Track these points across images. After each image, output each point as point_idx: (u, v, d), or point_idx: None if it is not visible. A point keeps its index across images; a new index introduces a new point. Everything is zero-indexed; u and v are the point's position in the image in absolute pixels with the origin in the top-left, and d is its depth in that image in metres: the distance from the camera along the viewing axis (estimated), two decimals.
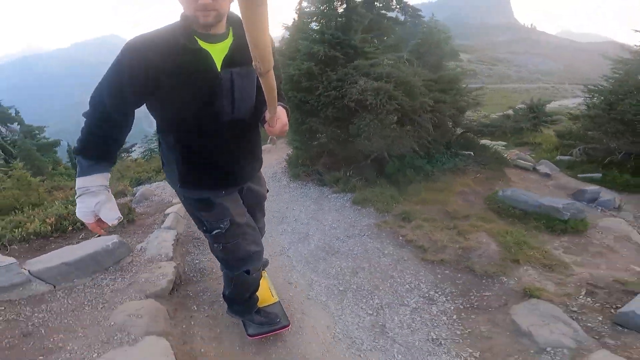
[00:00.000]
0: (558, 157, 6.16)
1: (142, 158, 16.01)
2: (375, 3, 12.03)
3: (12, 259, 2.33)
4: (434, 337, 2.21)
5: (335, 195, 4.42)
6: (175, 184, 1.57)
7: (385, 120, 4.24)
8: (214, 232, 1.65)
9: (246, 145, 1.55)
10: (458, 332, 2.23)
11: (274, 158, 6.34)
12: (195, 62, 1.27)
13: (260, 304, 2.20)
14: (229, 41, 1.33)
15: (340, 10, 5.90)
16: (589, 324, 2.13)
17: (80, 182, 1.32)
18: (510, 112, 9.54)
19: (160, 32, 1.27)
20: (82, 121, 1.34)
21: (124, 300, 2.30)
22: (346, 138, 4.78)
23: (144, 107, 1.42)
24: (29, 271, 2.38)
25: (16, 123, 13.20)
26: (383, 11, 12.33)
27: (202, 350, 2.09)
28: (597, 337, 2.03)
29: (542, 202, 3.50)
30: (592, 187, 4.59)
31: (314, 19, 6.14)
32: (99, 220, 1.34)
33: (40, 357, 1.92)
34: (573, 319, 2.14)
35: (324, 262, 3.05)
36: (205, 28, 1.26)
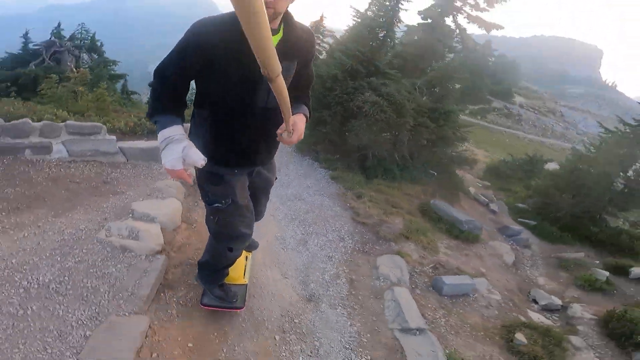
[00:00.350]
0: (516, 204, 7.33)
1: None
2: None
3: (113, 137, 4.03)
4: (330, 255, 3.67)
5: (321, 169, 5.92)
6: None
7: (373, 126, 5.66)
8: (214, 205, 1.77)
9: (268, 133, 1.60)
10: (345, 258, 3.68)
11: None
12: (246, 52, 1.29)
13: (228, 280, 2.26)
14: (278, 36, 1.44)
15: (381, 35, 7.26)
16: (415, 279, 3.53)
17: (164, 133, 1.42)
18: (509, 158, 10.61)
19: (224, 19, 1.40)
20: (149, 90, 1.51)
21: (164, 179, 3.93)
22: (344, 132, 6.24)
23: None
24: (119, 147, 4.07)
25: (96, 54, 15.38)
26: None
27: (196, 218, 3.64)
28: (413, 285, 3.43)
29: (453, 215, 4.84)
30: (516, 227, 5.82)
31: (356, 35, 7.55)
32: (183, 169, 1.43)
33: (111, 195, 3.56)
34: (409, 272, 3.54)
35: (291, 201, 4.56)
36: None
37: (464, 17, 13.33)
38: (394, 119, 5.65)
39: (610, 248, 6.05)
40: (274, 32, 1.42)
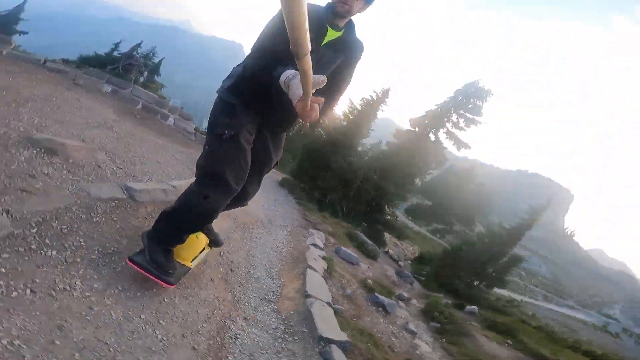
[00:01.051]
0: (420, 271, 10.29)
1: None
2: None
3: (192, 122, 7.10)
4: (286, 224, 6.36)
5: (292, 197, 8.81)
6: (225, 87, 1.99)
7: (335, 178, 8.77)
8: (216, 132, 1.92)
9: (285, 105, 1.69)
10: (294, 226, 6.37)
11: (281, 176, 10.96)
12: (316, 32, 1.73)
13: (177, 255, 2.18)
14: (339, 33, 1.86)
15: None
16: (327, 246, 6.23)
17: (286, 73, 1.62)
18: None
19: (318, 5, 1.84)
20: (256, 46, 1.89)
21: None
22: (315, 180, 9.34)
23: None
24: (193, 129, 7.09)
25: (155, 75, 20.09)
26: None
27: None
28: (324, 247, 6.13)
29: (367, 240, 7.67)
30: (409, 273, 8.62)
31: None
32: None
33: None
34: (323, 242, 6.23)
35: (272, 208, 7.34)
36: (335, 16, 1.79)
37: (444, 132, 17.04)
38: (349, 177, 8.81)
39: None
40: (338, 29, 1.82)
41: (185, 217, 2.00)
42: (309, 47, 1.10)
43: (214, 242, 2.64)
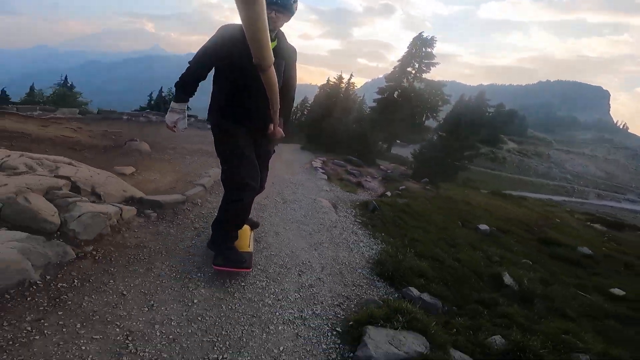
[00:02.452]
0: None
1: None
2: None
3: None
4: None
5: (305, 151, 13.02)
6: (216, 115, 2.36)
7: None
8: (225, 154, 2.36)
9: (263, 109, 2.21)
10: (306, 162, 10.57)
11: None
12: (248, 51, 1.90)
13: (238, 247, 2.57)
14: (274, 44, 2.12)
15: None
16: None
17: (173, 105, 2.23)
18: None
19: (239, 27, 2.07)
20: (187, 69, 2.18)
21: None
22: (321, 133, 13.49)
23: None
24: None
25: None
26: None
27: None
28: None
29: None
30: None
31: None
32: (174, 127, 2.23)
33: None
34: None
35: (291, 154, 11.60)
36: None
37: (411, 78, 21.14)
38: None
39: None
40: (272, 39, 2.05)
41: (232, 220, 2.44)
42: (272, 60, 1.41)
43: (253, 225, 3.15)
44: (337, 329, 2.23)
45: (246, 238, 2.72)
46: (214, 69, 2.26)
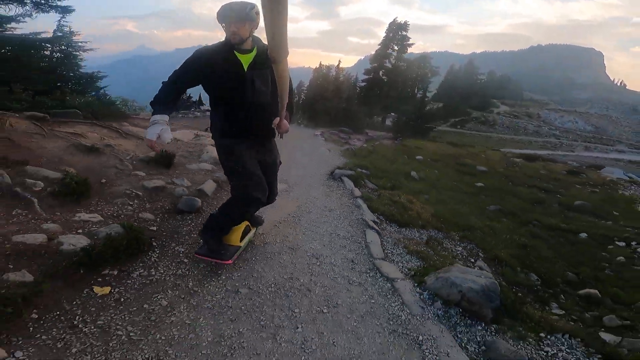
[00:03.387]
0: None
1: None
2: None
3: None
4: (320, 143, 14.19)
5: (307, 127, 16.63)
6: (216, 135, 2.43)
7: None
8: (231, 170, 2.41)
9: (261, 118, 2.33)
10: (326, 140, 14.18)
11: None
12: (232, 65, 2.18)
13: (226, 240, 2.63)
14: (253, 53, 2.22)
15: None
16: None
17: (154, 117, 2.13)
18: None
19: (216, 46, 2.23)
20: (160, 86, 2.19)
21: None
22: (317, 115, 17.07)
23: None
24: None
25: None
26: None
27: None
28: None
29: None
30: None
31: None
32: (156, 141, 2.07)
33: None
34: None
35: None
36: (237, 45, 2.16)
37: (393, 60, 24.63)
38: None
39: None
40: (247, 52, 2.21)
41: (228, 223, 2.55)
42: (287, 52, 1.42)
43: (255, 222, 3.10)
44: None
45: (239, 232, 2.70)
46: (212, 94, 2.35)
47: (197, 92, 20.51)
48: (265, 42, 1.93)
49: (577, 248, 4.79)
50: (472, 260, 3.65)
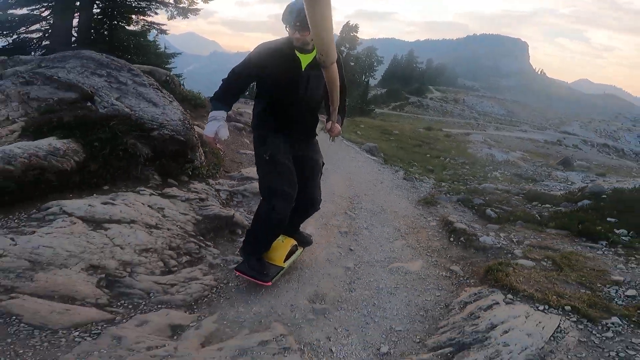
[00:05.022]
0: None
1: None
2: None
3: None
4: None
5: None
6: (256, 126, 2.50)
7: None
8: (260, 158, 2.43)
9: (304, 118, 2.44)
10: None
11: None
12: (292, 63, 2.27)
13: (269, 259, 2.59)
14: (313, 54, 2.25)
15: None
16: None
17: (213, 113, 2.23)
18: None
19: (278, 42, 2.29)
20: (220, 82, 2.27)
21: None
22: None
23: None
24: None
25: None
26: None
27: None
28: None
29: None
30: None
31: None
32: (215, 138, 2.19)
33: None
34: None
35: None
36: (300, 47, 2.24)
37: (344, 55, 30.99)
38: None
39: None
40: (307, 52, 2.26)
41: (263, 228, 2.43)
42: (335, 57, 1.51)
43: (303, 242, 2.94)
44: None
45: (284, 251, 2.60)
46: (264, 90, 2.38)
47: None
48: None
49: (432, 158, 11.59)
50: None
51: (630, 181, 6.99)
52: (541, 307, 2.31)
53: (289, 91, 2.30)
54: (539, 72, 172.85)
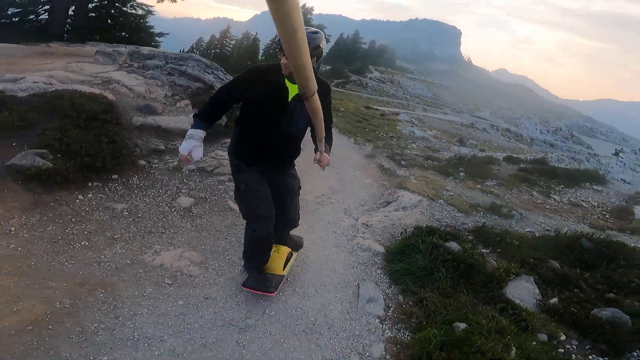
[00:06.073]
0: None
1: None
2: None
3: None
4: None
5: None
6: (230, 150, 2.49)
7: None
8: (237, 187, 2.44)
9: (282, 150, 2.39)
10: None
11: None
12: (279, 92, 2.22)
13: (270, 270, 2.75)
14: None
15: None
16: None
17: (190, 132, 2.23)
18: None
19: (270, 66, 2.24)
20: (208, 100, 2.34)
21: None
22: None
23: None
24: None
25: None
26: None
27: None
28: None
29: None
30: None
31: None
32: (189, 156, 2.20)
33: None
34: None
35: None
36: (289, 74, 2.18)
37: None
38: None
39: None
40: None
41: (248, 246, 2.63)
42: (315, 88, 1.36)
43: (295, 247, 3.17)
44: None
45: (281, 261, 2.78)
46: (243, 111, 2.35)
47: None
48: (319, 76, 2.09)
49: (370, 132, 15.23)
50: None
51: (490, 153, 11.46)
52: (417, 194, 5.91)
53: (270, 120, 2.26)
54: (467, 60, 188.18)
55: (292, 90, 2.23)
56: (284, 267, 2.84)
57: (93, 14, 13.84)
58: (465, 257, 3.53)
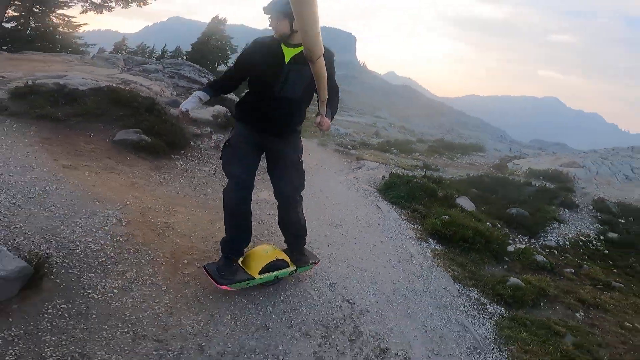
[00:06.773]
0: None
1: None
2: None
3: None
4: None
5: None
6: (235, 116, 2.59)
7: None
8: (225, 142, 2.52)
9: (277, 114, 2.36)
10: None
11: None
12: (275, 56, 2.26)
13: (245, 265, 2.53)
14: (300, 48, 2.16)
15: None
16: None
17: (196, 92, 2.44)
18: None
19: (269, 37, 2.35)
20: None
21: None
22: None
23: None
24: None
25: None
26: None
27: None
28: None
29: None
30: None
31: None
32: (186, 112, 2.31)
33: None
34: None
35: None
36: (282, 39, 2.25)
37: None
38: None
39: None
40: (293, 45, 2.23)
41: (225, 212, 2.48)
42: (322, 51, 1.45)
43: (299, 261, 2.72)
44: None
45: (262, 262, 2.48)
46: (250, 82, 2.40)
47: None
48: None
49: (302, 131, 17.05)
50: None
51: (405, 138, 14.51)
52: (375, 162, 7.95)
53: (267, 85, 2.29)
54: (362, 65, 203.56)
55: (288, 53, 2.25)
56: (263, 272, 2.49)
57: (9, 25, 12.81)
58: (429, 186, 5.71)
